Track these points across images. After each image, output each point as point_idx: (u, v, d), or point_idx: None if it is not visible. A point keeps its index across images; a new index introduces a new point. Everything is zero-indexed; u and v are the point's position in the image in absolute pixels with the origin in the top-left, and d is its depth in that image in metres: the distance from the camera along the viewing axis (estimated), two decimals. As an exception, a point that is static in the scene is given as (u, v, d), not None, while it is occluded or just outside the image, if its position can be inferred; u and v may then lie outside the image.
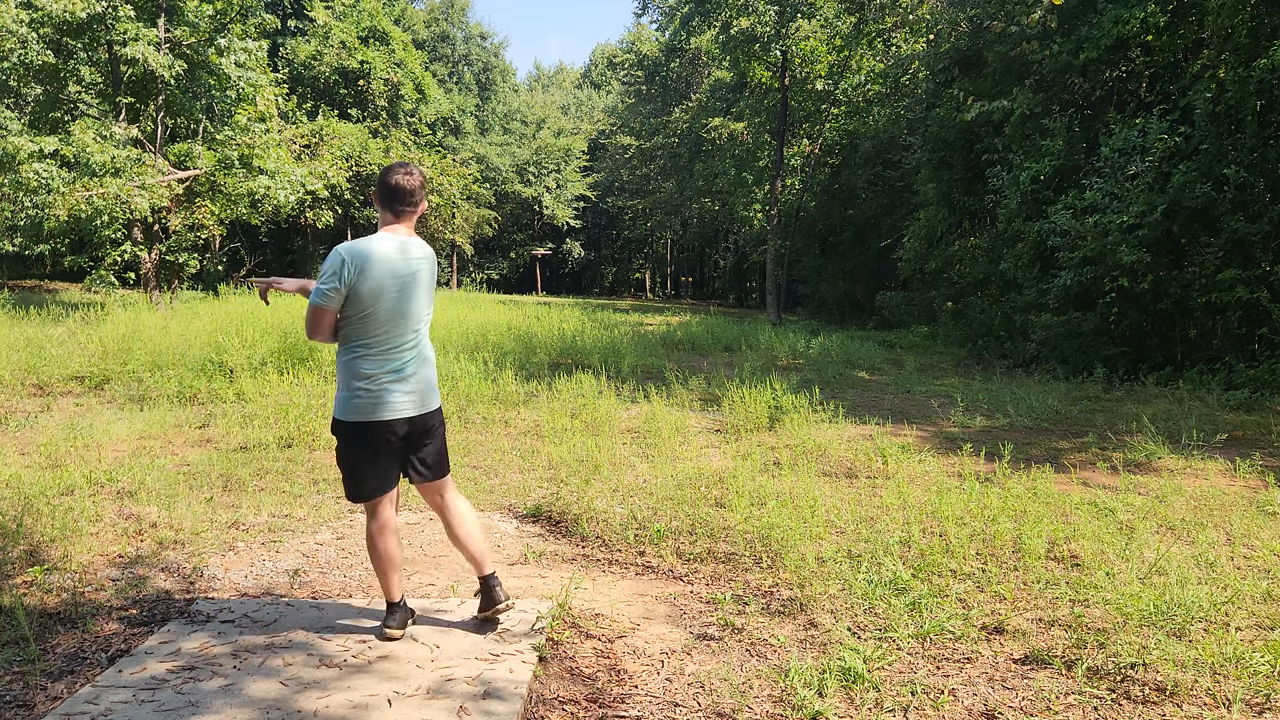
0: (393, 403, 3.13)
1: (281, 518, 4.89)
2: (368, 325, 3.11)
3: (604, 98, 59.71)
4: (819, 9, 26.71)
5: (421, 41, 47.16)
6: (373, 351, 3.13)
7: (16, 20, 17.35)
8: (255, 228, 26.90)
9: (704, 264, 56.38)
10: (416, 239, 3.23)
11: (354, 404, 3.13)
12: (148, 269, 19.24)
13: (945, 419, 8.67)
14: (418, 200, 3.22)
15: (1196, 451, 6.90)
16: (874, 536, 4.51)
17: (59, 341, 10.90)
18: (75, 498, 4.97)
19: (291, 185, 20.36)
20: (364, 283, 3.05)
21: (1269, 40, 11.73)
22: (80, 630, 3.40)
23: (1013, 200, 14.96)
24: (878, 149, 26.52)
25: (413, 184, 3.18)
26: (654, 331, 18.04)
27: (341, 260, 3.03)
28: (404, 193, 3.16)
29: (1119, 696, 2.99)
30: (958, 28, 18.95)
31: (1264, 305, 11.03)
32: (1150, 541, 4.51)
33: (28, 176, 16.25)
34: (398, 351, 3.16)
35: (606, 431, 7.25)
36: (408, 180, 3.16)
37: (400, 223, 3.20)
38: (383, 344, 3.13)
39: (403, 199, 3.17)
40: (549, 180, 48.65)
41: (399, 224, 3.20)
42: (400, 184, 3.15)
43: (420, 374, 3.22)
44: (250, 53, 19.68)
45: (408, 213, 3.20)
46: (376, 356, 3.13)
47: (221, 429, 7.13)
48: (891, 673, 3.15)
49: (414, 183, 3.18)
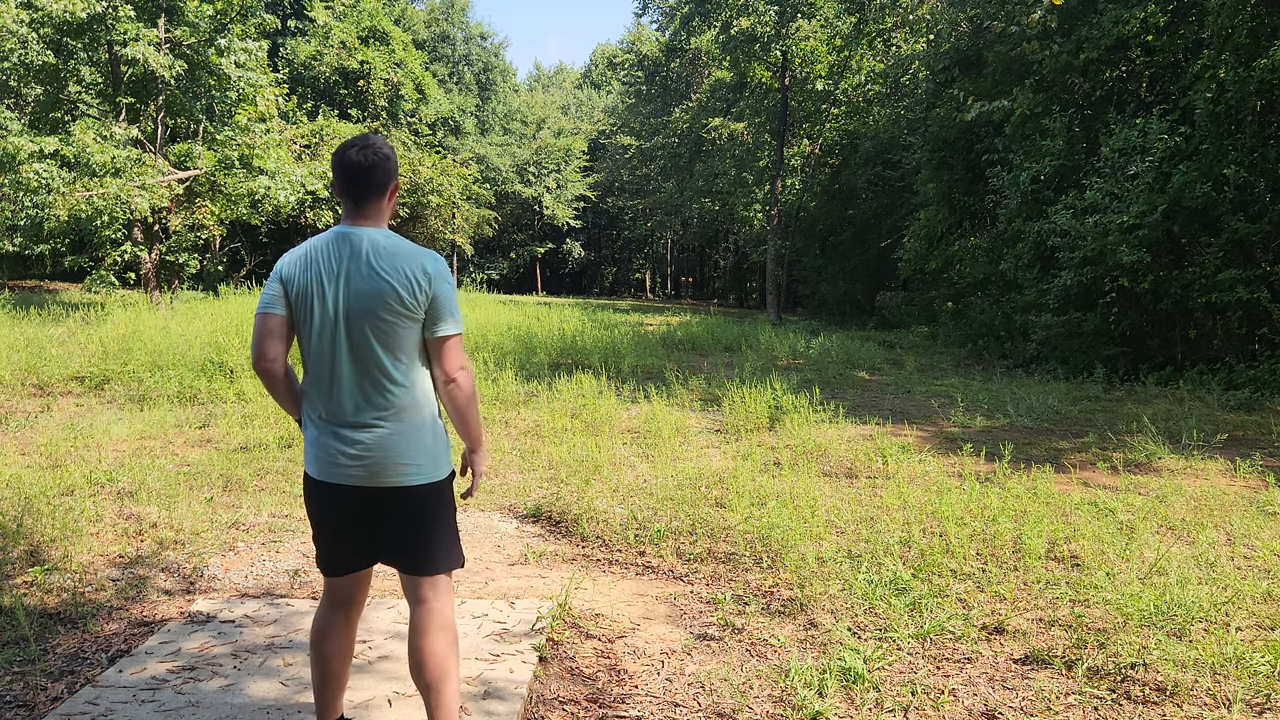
0: (335, 461, 2.32)
1: (281, 518, 4.89)
2: (303, 346, 2.38)
3: (604, 98, 59.69)
4: (819, 9, 26.71)
5: (421, 41, 47.15)
6: (309, 384, 2.37)
7: (16, 20, 17.34)
8: (255, 228, 26.87)
9: (704, 264, 56.37)
10: (395, 242, 2.33)
11: (306, 448, 2.42)
12: (148, 269, 19.24)
13: (945, 419, 8.67)
14: (378, 181, 2.34)
15: (1197, 451, 6.90)
16: (874, 536, 4.51)
17: (59, 341, 10.90)
18: (75, 498, 4.97)
19: (292, 185, 20.36)
20: (291, 285, 2.33)
21: (1269, 40, 11.73)
22: (80, 630, 3.40)
23: (1013, 200, 14.96)
24: (878, 149, 26.51)
25: (369, 158, 2.32)
26: (654, 331, 18.04)
27: (284, 256, 2.42)
28: (356, 171, 2.32)
29: (1119, 696, 2.99)
30: (958, 28, 18.96)
31: (1264, 305, 11.03)
32: (1150, 541, 4.51)
33: (28, 176, 16.25)
34: (337, 391, 2.31)
35: (606, 432, 7.24)
36: (362, 155, 2.32)
37: (361, 214, 2.35)
38: (317, 375, 2.34)
39: (355, 180, 2.32)
40: (549, 180, 48.64)
41: (359, 215, 2.35)
42: (350, 160, 2.32)
43: (378, 434, 2.29)
44: (250, 53, 19.68)
45: (369, 199, 2.34)
46: (313, 392, 2.36)
47: (221, 429, 7.13)
48: (892, 673, 3.15)
49: (371, 157, 2.32)
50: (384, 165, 2.35)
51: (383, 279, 2.26)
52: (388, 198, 2.39)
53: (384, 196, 2.38)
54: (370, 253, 2.30)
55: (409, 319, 2.30)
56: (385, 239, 2.33)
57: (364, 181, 2.33)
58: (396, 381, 2.32)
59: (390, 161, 2.36)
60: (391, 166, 2.36)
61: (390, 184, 2.37)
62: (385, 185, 2.37)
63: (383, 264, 2.28)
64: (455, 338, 2.36)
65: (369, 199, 2.35)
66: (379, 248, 2.31)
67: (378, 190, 2.35)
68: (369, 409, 2.31)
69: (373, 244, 2.31)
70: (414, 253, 2.32)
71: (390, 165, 2.36)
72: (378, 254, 2.29)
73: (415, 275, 2.28)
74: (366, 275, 2.28)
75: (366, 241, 2.32)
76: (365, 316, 2.27)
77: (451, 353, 2.34)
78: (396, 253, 2.31)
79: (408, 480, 2.33)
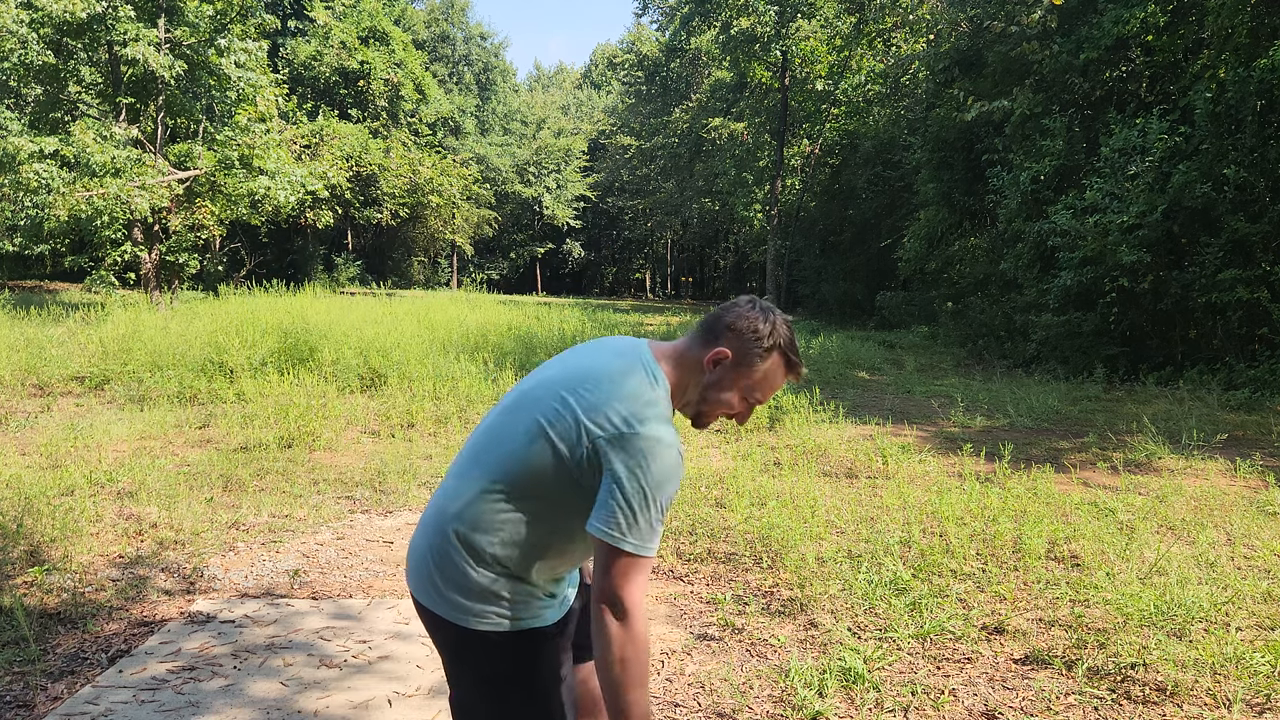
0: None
1: (281, 518, 4.89)
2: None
3: (604, 98, 59.70)
4: (819, 9, 26.74)
5: (421, 42, 47.17)
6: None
7: (16, 20, 17.35)
8: (255, 228, 26.91)
9: (704, 264, 56.39)
10: (632, 379, 1.64)
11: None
12: (148, 269, 19.24)
13: (945, 419, 8.67)
14: (707, 326, 1.78)
15: (1197, 451, 6.90)
16: (874, 536, 4.51)
17: (59, 342, 10.90)
18: (75, 498, 4.97)
19: (292, 185, 20.37)
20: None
21: (1269, 40, 11.74)
22: (80, 630, 3.40)
23: (1013, 200, 14.96)
24: (878, 149, 26.53)
25: (729, 314, 1.76)
26: (654, 331, 18.05)
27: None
28: (716, 315, 1.80)
29: (1119, 696, 2.99)
30: (958, 28, 18.97)
31: (1264, 305, 11.03)
32: (1150, 541, 4.51)
33: (28, 176, 16.26)
34: (445, 480, 1.78)
35: (606, 431, 7.23)
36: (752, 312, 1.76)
37: (675, 343, 1.80)
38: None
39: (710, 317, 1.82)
40: (549, 180, 48.66)
41: (672, 344, 1.79)
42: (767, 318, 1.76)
43: (417, 536, 1.74)
44: (250, 53, 19.69)
45: (692, 333, 1.80)
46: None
47: (221, 429, 7.13)
48: (892, 673, 3.15)
49: (733, 313, 1.75)
50: (726, 322, 1.74)
51: (564, 393, 1.64)
52: (708, 352, 1.73)
53: (702, 345, 1.74)
54: (593, 358, 1.72)
55: (554, 467, 1.61)
56: (627, 369, 1.66)
57: (705, 322, 1.79)
58: (466, 488, 1.68)
59: (740, 330, 1.72)
60: (735, 333, 1.72)
61: (715, 344, 1.72)
62: (708, 336, 1.75)
63: (587, 385, 1.63)
64: (623, 557, 1.55)
65: (692, 333, 1.79)
66: (604, 368, 1.67)
67: (704, 333, 1.76)
68: (433, 506, 1.74)
69: (609, 360, 1.70)
70: (629, 394, 1.61)
71: (731, 327, 1.73)
72: (595, 368, 1.68)
73: (599, 418, 1.58)
74: (560, 374, 1.70)
75: (615, 354, 1.72)
76: (529, 405, 1.67)
77: (613, 573, 1.55)
78: (613, 381, 1.63)
79: (439, 610, 1.67)
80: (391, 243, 44.01)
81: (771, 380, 1.76)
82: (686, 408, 1.78)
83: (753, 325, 1.72)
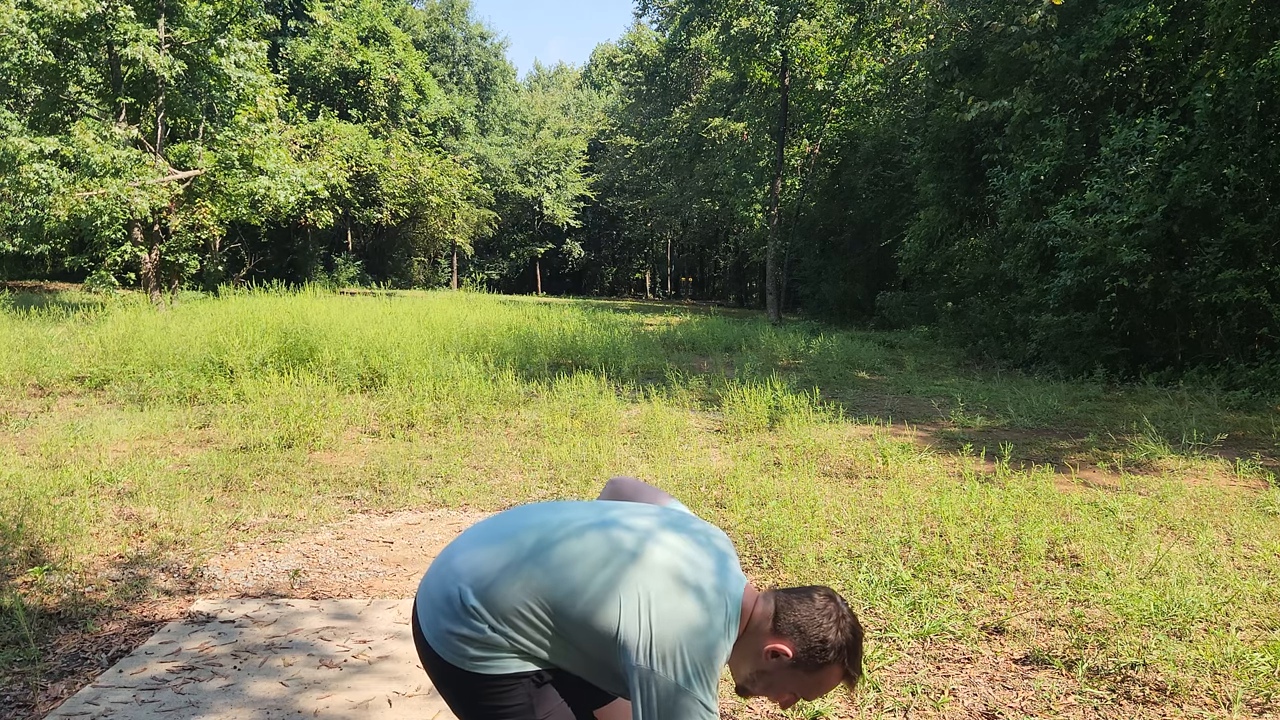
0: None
1: (281, 518, 4.89)
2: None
3: (604, 98, 59.70)
4: (819, 9, 26.72)
5: (421, 42, 47.17)
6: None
7: (16, 20, 17.35)
8: (255, 228, 26.90)
9: (704, 264, 56.40)
10: (687, 614, 1.60)
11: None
12: (148, 269, 19.24)
13: (945, 419, 8.67)
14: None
15: (1197, 451, 6.90)
16: (874, 536, 4.51)
17: (59, 342, 10.90)
18: (75, 498, 4.97)
19: (292, 185, 20.38)
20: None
21: (1269, 40, 11.74)
22: (80, 630, 3.40)
23: (1013, 200, 14.96)
24: (878, 149, 26.52)
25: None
26: (654, 332, 18.04)
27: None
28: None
29: (1119, 696, 2.99)
30: (958, 28, 18.96)
31: (1264, 305, 11.03)
32: (1150, 541, 4.51)
33: (28, 177, 16.26)
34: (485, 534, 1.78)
35: (607, 432, 7.24)
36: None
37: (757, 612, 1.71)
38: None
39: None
40: (549, 180, 48.66)
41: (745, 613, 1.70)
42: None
43: (433, 582, 1.76)
44: (250, 53, 19.69)
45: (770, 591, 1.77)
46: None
47: (221, 429, 7.13)
48: (892, 673, 3.15)
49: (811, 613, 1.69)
50: (796, 621, 1.67)
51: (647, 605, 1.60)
52: (770, 641, 1.67)
53: (769, 633, 1.68)
54: (694, 567, 1.67)
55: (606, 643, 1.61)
56: (711, 611, 1.61)
57: (778, 605, 1.71)
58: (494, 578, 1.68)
59: (808, 636, 1.65)
60: (802, 636, 1.66)
61: (779, 638, 1.67)
62: (775, 623, 1.69)
63: (666, 612, 1.59)
64: None
65: (766, 602, 1.72)
66: (689, 605, 1.61)
67: (774, 618, 1.69)
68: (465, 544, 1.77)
69: (703, 589, 1.64)
70: (698, 647, 1.57)
71: (800, 628, 1.66)
72: (688, 588, 1.63)
73: (656, 651, 1.56)
74: (656, 552, 1.67)
75: (709, 587, 1.65)
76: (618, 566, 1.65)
77: None
78: (691, 620, 1.59)
79: (439, 652, 1.69)
80: (391, 243, 44.01)
81: (824, 686, 1.69)
82: (735, 675, 1.75)
83: (822, 635, 1.65)
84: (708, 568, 1.69)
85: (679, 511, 1.83)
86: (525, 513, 1.81)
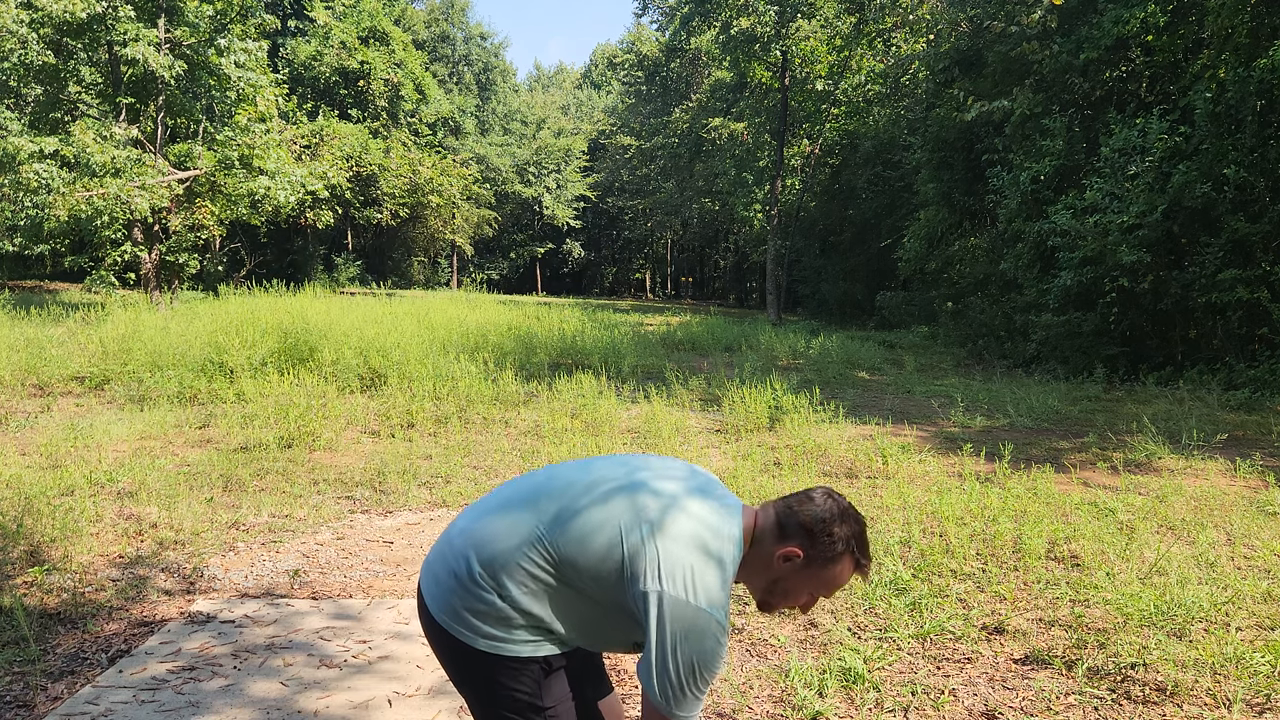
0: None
1: (281, 518, 4.89)
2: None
3: (604, 98, 59.69)
4: (819, 9, 26.72)
5: (421, 42, 47.15)
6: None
7: (16, 20, 17.36)
8: (255, 228, 26.90)
9: (704, 264, 56.39)
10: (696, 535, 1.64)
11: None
12: (148, 269, 19.25)
13: (945, 419, 8.67)
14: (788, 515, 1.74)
15: (1197, 451, 6.90)
16: (874, 536, 4.51)
17: (59, 342, 10.90)
18: (75, 498, 4.97)
19: (292, 185, 20.38)
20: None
21: (1269, 40, 11.74)
22: (80, 630, 3.40)
23: (1013, 200, 14.96)
24: (878, 149, 26.52)
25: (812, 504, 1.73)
26: (654, 331, 18.04)
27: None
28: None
29: (1119, 696, 2.99)
30: (958, 28, 18.96)
31: (1264, 305, 11.03)
32: (1150, 541, 4.51)
33: (28, 177, 16.26)
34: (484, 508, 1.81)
35: (606, 432, 7.24)
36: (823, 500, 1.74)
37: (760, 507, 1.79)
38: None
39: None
40: (549, 180, 48.65)
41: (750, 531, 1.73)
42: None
43: (436, 559, 1.79)
44: (250, 53, 19.70)
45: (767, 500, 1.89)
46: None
47: (221, 429, 7.13)
48: (891, 673, 3.15)
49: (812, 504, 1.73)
50: (800, 520, 1.70)
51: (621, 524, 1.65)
52: (779, 546, 1.70)
53: (775, 538, 1.71)
54: (689, 492, 1.73)
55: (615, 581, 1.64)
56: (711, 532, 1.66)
57: (780, 511, 1.75)
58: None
59: (814, 532, 1.68)
60: (808, 534, 1.68)
61: (787, 541, 1.69)
62: (780, 529, 1.71)
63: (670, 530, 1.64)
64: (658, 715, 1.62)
65: (767, 515, 1.75)
66: (692, 523, 1.65)
67: (777, 524, 1.73)
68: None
69: (702, 511, 1.69)
70: (700, 565, 1.60)
71: (805, 526, 1.69)
72: (685, 509, 1.68)
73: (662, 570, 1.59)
74: (656, 487, 1.72)
75: (712, 510, 1.70)
76: (618, 499, 1.70)
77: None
78: (690, 542, 1.63)
79: (447, 627, 1.72)
80: (391, 243, 44.01)
81: (839, 580, 1.73)
82: (753, 591, 1.79)
83: (828, 529, 1.68)
84: (703, 492, 1.76)
85: (705, 476, 1.86)
86: (552, 475, 1.80)
